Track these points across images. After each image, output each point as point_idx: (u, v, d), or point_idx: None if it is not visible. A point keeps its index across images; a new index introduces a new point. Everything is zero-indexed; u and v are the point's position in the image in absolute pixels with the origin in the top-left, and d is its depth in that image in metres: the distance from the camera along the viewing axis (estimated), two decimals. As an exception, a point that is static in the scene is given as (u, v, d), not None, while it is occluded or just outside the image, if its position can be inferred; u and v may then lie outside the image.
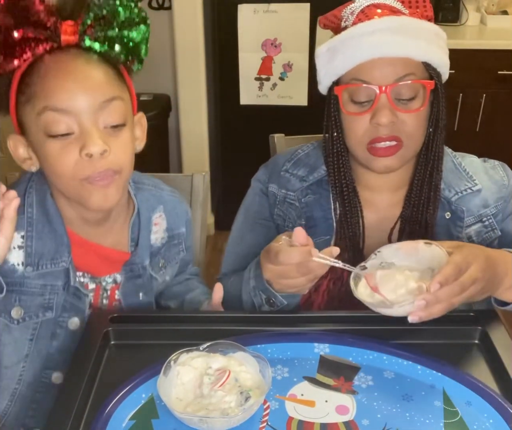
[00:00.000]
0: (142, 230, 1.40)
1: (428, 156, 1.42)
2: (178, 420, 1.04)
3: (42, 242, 1.28)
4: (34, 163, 1.24)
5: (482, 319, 1.24)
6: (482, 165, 1.51)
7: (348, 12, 1.37)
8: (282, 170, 1.53)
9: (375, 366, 1.17)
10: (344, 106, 1.37)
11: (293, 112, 3.51)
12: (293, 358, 1.19)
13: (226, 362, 1.13)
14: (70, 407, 1.05)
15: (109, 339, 1.23)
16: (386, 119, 1.31)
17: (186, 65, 3.52)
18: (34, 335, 1.31)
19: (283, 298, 1.30)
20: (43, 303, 1.30)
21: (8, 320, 1.28)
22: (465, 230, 1.44)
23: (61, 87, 1.14)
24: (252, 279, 1.34)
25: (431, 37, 1.35)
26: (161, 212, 1.45)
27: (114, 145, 1.19)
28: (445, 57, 1.38)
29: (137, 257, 1.39)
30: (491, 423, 1.04)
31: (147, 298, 1.43)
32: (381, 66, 1.31)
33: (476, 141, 3.46)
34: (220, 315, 1.32)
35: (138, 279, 1.40)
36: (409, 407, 1.08)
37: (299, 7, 3.37)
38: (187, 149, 3.69)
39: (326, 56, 1.39)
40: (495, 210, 1.45)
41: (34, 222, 1.29)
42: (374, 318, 1.24)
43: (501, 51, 3.33)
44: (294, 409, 1.08)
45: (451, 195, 1.45)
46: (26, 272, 1.27)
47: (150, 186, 1.46)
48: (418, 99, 1.34)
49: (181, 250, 1.51)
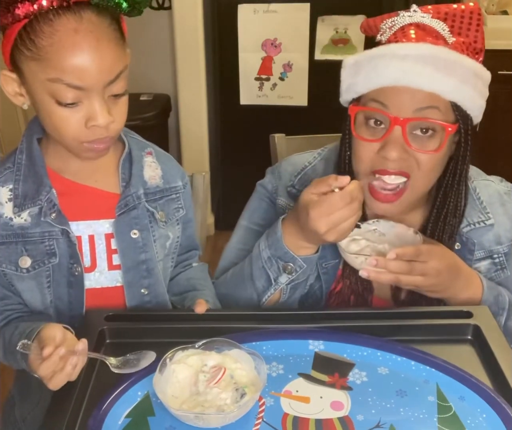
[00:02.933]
0: (134, 165, 1.40)
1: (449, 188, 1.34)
2: (174, 417, 1.04)
3: (27, 184, 1.32)
4: (26, 101, 1.25)
5: (475, 315, 1.25)
6: (497, 192, 1.43)
7: (388, 25, 1.28)
8: (289, 186, 1.48)
9: (369, 362, 1.17)
10: (356, 128, 1.30)
11: (293, 112, 3.49)
12: (288, 355, 1.20)
13: (221, 359, 1.14)
14: (66, 405, 1.06)
15: (105, 338, 1.24)
16: (396, 154, 1.24)
17: (186, 65, 3.52)
18: (50, 282, 1.33)
19: (302, 260, 1.30)
20: (46, 250, 1.32)
21: (15, 270, 1.32)
22: (474, 264, 1.39)
23: (78, 66, 1.14)
24: (265, 249, 1.33)
25: (468, 76, 1.24)
26: (154, 159, 1.45)
27: (116, 113, 1.22)
28: (481, 100, 1.28)
29: (131, 187, 1.38)
30: (484, 418, 1.05)
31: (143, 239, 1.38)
32: (403, 94, 1.22)
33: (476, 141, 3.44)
34: (215, 313, 1.33)
35: (132, 211, 1.37)
36: (403, 402, 1.08)
37: (299, 7, 3.37)
38: (187, 149, 3.69)
39: (352, 69, 1.30)
40: (508, 249, 1.40)
41: (22, 167, 1.33)
42: (368, 314, 1.26)
43: (501, 51, 3.32)
44: (289, 405, 1.08)
45: (463, 226, 1.38)
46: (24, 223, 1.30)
47: (140, 138, 1.48)
48: (436, 138, 1.25)
49: (180, 206, 1.47)
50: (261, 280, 1.35)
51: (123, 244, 1.37)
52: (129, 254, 1.38)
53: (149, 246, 1.39)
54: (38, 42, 1.13)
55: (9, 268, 1.32)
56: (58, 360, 1.06)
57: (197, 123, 3.65)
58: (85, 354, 1.10)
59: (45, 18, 1.13)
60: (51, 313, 1.35)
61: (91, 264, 1.37)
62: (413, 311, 1.26)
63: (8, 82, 1.23)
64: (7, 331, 1.30)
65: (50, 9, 1.13)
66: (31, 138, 1.34)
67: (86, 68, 1.15)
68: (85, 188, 1.36)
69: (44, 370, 1.06)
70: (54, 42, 1.13)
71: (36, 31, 1.13)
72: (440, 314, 1.27)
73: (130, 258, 1.38)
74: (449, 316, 1.25)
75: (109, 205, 1.37)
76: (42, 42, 1.13)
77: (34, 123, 1.35)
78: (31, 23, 1.14)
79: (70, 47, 1.13)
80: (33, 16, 1.13)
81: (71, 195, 1.35)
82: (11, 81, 1.23)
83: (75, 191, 1.35)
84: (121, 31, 1.22)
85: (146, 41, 3.53)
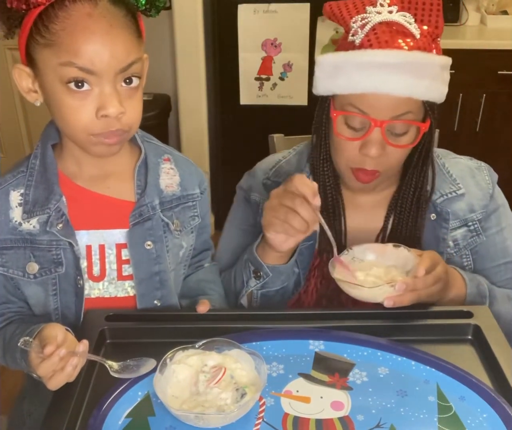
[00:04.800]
0: (150, 172, 1.38)
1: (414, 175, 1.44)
2: (174, 417, 1.05)
3: (38, 191, 1.31)
4: (39, 98, 1.24)
5: (475, 315, 1.25)
6: (468, 167, 1.52)
7: (358, 25, 1.32)
8: (264, 179, 1.55)
9: (369, 362, 1.17)
10: (338, 128, 1.36)
11: (293, 112, 3.50)
12: (288, 355, 1.20)
13: (221, 360, 1.14)
14: (67, 405, 1.06)
15: (105, 338, 1.24)
16: (375, 152, 1.32)
17: (186, 65, 3.52)
18: (56, 290, 1.33)
19: (268, 269, 1.38)
20: (53, 258, 1.31)
21: (21, 275, 1.31)
22: (450, 233, 1.46)
23: (90, 50, 1.13)
24: (246, 253, 1.44)
25: (437, 72, 1.32)
26: (172, 165, 1.43)
27: (128, 106, 1.20)
28: (446, 88, 1.36)
29: (146, 196, 1.35)
30: (485, 418, 1.05)
31: (157, 251, 1.37)
32: (381, 100, 1.29)
33: (476, 141, 3.46)
34: (216, 313, 1.32)
35: (147, 222, 1.35)
36: (403, 402, 1.08)
37: (299, 7, 3.36)
38: (187, 149, 3.68)
39: (328, 68, 1.35)
40: (481, 216, 1.47)
41: (34, 172, 1.32)
42: (368, 314, 1.26)
43: (501, 51, 3.31)
44: (289, 405, 1.08)
45: (436, 197, 1.46)
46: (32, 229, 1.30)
47: (158, 143, 1.46)
48: (410, 134, 1.34)
49: (195, 214, 1.45)
50: (239, 281, 1.45)
51: (137, 255, 1.36)
52: (143, 265, 1.36)
53: (162, 257, 1.38)
54: (52, 28, 1.13)
55: (16, 273, 1.31)
56: (58, 361, 1.05)
57: (197, 123, 3.65)
58: (85, 356, 1.10)
59: (61, 4, 1.13)
60: (54, 320, 1.33)
61: (100, 273, 1.36)
62: (413, 311, 1.25)
63: (23, 77, 1.23)
64: (7, 331, 1.30)
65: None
66: (46, 143, 1.33)
67: (98, 53, 1.14)
68: (97, 196, 1.34)
69: (44, 370, 1.06)
70: (67, 26, 1.13)
71: (51, 17, 1.13)
72: (441, 314, 1.27)
73: (143, 269, 1.36)
74: (449, 316, 1.26)
75: (122, 213, 1.35)
76: (56, 27, 1.13)
77: (50, 128, 1.35)
78: (47, 10, 1.14)
79: (82, 30, 1.13)
80: (48, 4, 1.13)
81: (83, 202, 1.33)
82: (25, 76, 1.22)
83: (87, 198, 1.34)
84: (137, 26, 1.21)
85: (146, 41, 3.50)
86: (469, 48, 3.36)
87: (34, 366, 1.10)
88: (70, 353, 1.07)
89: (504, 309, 1.34)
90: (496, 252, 1.49)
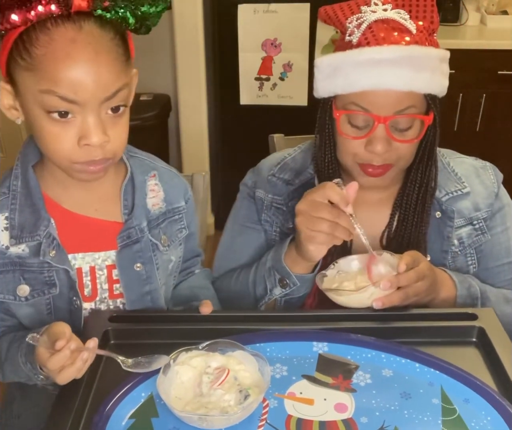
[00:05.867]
0: (137, 192, 1.35)
1: (419, 171, 1.43)
2: (177, 418, 1.04)
3: (24, 215, 1.27)
4: (20, 116, 1.19)
5: (480, 317, 1.25)
6: (473, 167, 1.52)
7: (354, 25, 1.32)
8: (269, 175, 1.54)
9: (373, 364, 1.17)
10: (341, 127, 1.35)
11: (293, 112, 3.49)
12: (292, 356, 1.20)
13: (225, 361, 1.14)
14: (70, 406, 1.06)
15: (109, 339, 1.24)
16: (381, 148, 1.31)
17: (186, 65, 3.51)
18: (50, 310, 1.31)
19: (296, 278, 1.36)
20: (46, 280, 1.28)
21: (13, 298, 1.28)
22: (455, 231, 1.46)
23: (72, 78, 1.08)
24: (269, 260, 1.42)
25: (436, 65, 1.32)
26: (156, 181, 1.40)
27: (112, 133, 1.16)
28: (446, 80, 1.36)
29: (133, 218, 1.33)
30: (489, 421, 1.05)
31: (147, 272, 1.36)
32: (383, 97, 1.29)
33: (476, 141, 3.46)
34: (219, 314, 1.32)
35: (136, 245, 1.33)
36: (407, 404, 1.08)
37: (299, 7, 3.36)
38: (187, 149, 3.68)
39: (327, 70, 1.35)
40: (486, 214, 1.47)
41: (18, 195, 1.28)
42: (372, 316, 1.25)
43: (501, 51, 3.32)
44: (293, 407, 1.08)
45: (441, 195, 1.46)
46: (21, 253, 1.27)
47: (143, 156, 1.43)
48: (415, 129, 1.34)
49: (182, 227, 1.45)
50: (260, 287, 1.44)
51: (127, 277, 1.35)
52: (133, 286, 1.36)
53: (153, 277, 1.38)
54: (33, 51, 1.08)
55: (7, 297, 1.28)
56: (68, 354, 1.05)
57: (197, 123, 3.64)
58: (94, 352, 1.10)
59: (43, 27, 1.08)
60: None
61: (92, 294, 1.35)
62: (417, 313, 1.26)
63: (3, 94, 1.17)
64: (3, 341, 1.29)
65: (48, 18, 1.07)
66: (26, 165, 1.29)
67: (81, 82, 1.09)
68: (84, 220, 1.32)
69: (54, 364, 1.05)
70: (49, 51, 1.07)
71: (32, 40, 1.08)
72: (445, 316, 1.26)
73: (134, 291, 1.36)
74: (453, 318, 1.25)
75: (111, 235, 1.33)
76: (37, 51, 1.08)
77: (28, 147, 1.30)
78: (28, 31, 1.08)
79: (65, 57, 1.07)
80: (30, 25, 1.08)
81: (71, 226, 1.31)
82: (6, 93, 1.17)
83: (75, 222, 1.31)
84: (126, 48, 1.16)
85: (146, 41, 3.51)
86: (469, 48, 3.36)
87: (42, 361, 1.09)
88: (79, 348, 1.07)
89: (499, 311, 1.34)
90: (500, 251, 1.49)
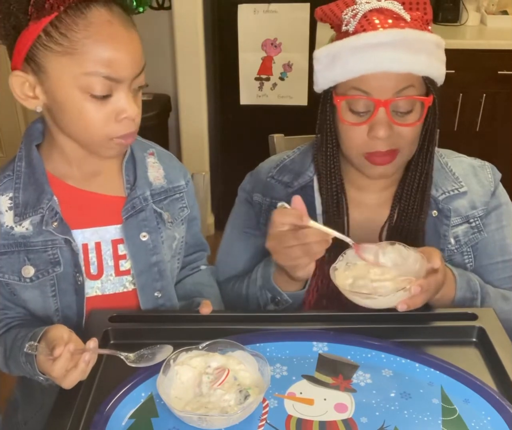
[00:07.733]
0: (138, 166, 1.39)
1: (419, 159, 1.43)
2: (177, 418, 1.04)
3: (28, 192, 1.30)
4: (40, 104, 1.22)
5: (480, 317, 1.25)
6: (471, 166, 1.52)
7: (350, 15, 1.34)
8: (268, 177, 1.54)
9: (373, 364, 1.17)
10: (343, 115, 1.36)
11: (293, 112, 3.50)
12: (292, 356, 1.20)
13: (225, 361, 1.13)
14: (70, 406, 1.06)
15: (109, 338, 1.24)
16: (384, 133, 1.31)
17: (186, 65, 3.51)
18: (54, 291, 1.32)
19: (288, 296, 1.36)
20: (50, 259, 1.30)
21: (18, 279, 1.29)
22: (452, 229, 1.46)
23: (116, 58, 1.15)
24: (259, 278, 1.42)
25: (432, 49, 1.34)
26: (155, 159, 1.45)
27: (138, 106, 1.23)
28: (443, 67, 1.38)
29: (137, 189, 1.37)
30: (489, 421, 1.05)
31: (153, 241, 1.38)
32: (382, 79, 1.30)
33: (476, 141, 3.45)
34: (219, 314, 1.33)
35: (141, 213, 1.36)
36: (407, 404, 1.08)
37: (299, 7, 3.36)
38: (187, 149, 3.68)
39: (325, 60, 1.37)
40: (482, 212, 1.47)
41: (21, 175, 1.31)
42: (372, 316, 1.25)
43: (501, 51, 3.31)
44: (293, 407, 1.08)
45: (438, 194, 1.46)
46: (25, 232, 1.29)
47: (141, 138, 1.46)
48: (415, 112, 1.34)
49: (184, 205, 1.47)
50: (253, 302, 1.44)
51: (134, 247, 1.36)
52: (140, 257, 1.37)
53: (159, 247, 1.39)
54: (72, 36, 1.13)
55: (11, 278, 1.30)
56: (69, 357, 1.05)
57: (197, 123, 3.64)
58: (96, 352, 1.10)
59: (77, 11, 1.13)
60: (55, 321, 1.32)
61: (98, 272, 1.36)
62: (417, 313, 1.25)
63: (17, 84, 1.20)
64: (8, 337, 1.29)
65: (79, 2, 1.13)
66: (30, 145, 1.32)
67: (122, 60, 1.16)
68: (89, 195, 1.34)
69: (57, 370, 1.06)
70: (91, 34, 1.13)
71: (68, 25, 1.13)
72: (445, 316, 1.26)
73: (141, 261, 1.37)
74: (453, 318, 1.26)
75: (115, 209, 1.35)
76: (77, 35, 1.13)
77: (32, 129, 1.34)
78: (59, 18, 1.13)
79: (107, 38, 1.14)
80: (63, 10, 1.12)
81: (75, 202, 1.33)
82: (22, 83, 1.20)
83: (79, 198, 1.34)
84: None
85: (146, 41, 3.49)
86: (469, 48, 3.36)
87: (45, 369, 1.10)
88: (79, 350, 1.07)
89: (497, 307, 1.34)
90: (495, 249, 1.49)
